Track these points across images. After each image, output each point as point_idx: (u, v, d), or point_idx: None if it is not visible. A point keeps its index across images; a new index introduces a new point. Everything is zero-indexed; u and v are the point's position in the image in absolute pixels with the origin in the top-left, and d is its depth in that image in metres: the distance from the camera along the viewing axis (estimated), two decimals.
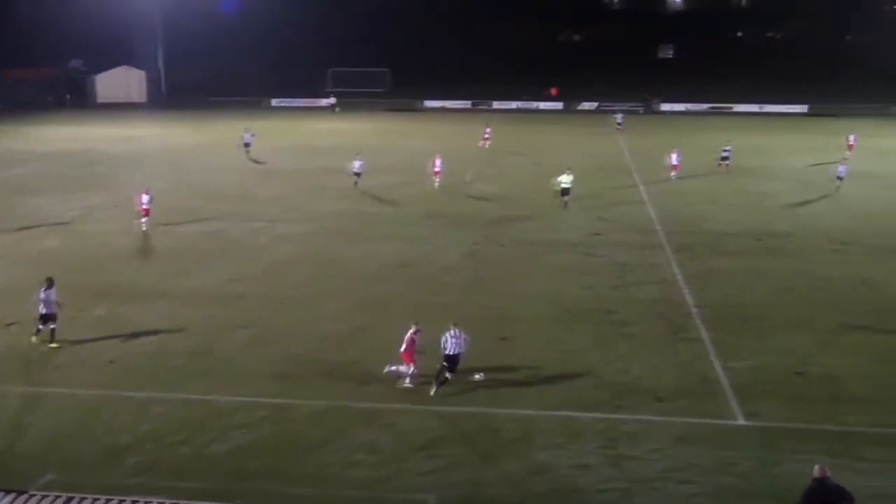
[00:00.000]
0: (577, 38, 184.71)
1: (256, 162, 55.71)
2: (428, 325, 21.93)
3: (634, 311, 27.49)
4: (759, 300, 28.60)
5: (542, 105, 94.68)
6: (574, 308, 27.69)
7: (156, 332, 25.16)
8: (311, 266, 32.59)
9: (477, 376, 21.94)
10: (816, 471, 14.40)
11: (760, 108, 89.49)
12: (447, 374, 21.10)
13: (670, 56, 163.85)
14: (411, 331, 21.59)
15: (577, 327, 26.02)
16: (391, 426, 19.69)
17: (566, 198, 41.68)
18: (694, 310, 27.51)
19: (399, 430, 19.53)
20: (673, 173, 49.43)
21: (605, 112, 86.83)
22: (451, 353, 20.90)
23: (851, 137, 59.48)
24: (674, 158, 49.59)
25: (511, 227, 38.59)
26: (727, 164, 52.24)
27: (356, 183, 46.42)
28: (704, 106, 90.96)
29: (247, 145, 57.41)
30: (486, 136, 62.59)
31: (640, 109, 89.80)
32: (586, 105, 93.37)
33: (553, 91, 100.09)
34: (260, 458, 18.27)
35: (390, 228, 38.44)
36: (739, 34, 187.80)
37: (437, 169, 46.65)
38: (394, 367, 21.73)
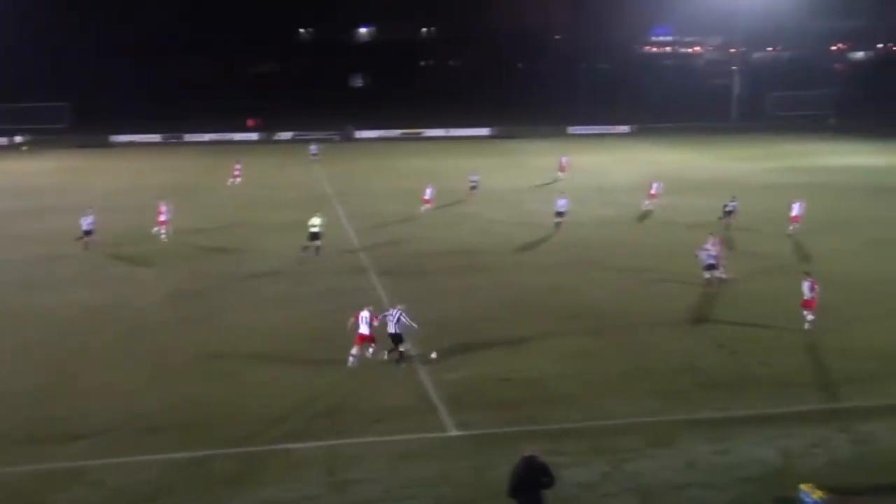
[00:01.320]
0: (270, 69, 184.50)
1: None
2: (134, 363, 20.86)
3: (345, 336, 27.84)
4: (463, 314, 30.06)
5: (239, 136, 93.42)
6: (286, 338, 27.56)
7: None
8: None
9: (433, 355, 25.14)
10: (527, 451, 16.04)
11: (448, 132, 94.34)
12: (400, 349, 24.94)
13: (361, 85, 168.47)
14: (365, 313, 24.80)
15: (292, 357, 25.92)
16: (100, 483, 18.46)
17: (316, 243, 38.08)
18: None
19: (109, 486, 18.34)
20: (426, 206, 48.67)
21: (302, 141, 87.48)
22: (392, 332, 24.78)
23: (564, 160, 62.94)
24: (428, 193, 49.14)
25: (219, 263, 37.72)
26: (474, 192, 53.16)
27: (87, 243, 39.93)
28: (397, 132, 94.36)
29: None
30: (237, 172, 60.05)
31: (337, 137, 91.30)
32: (283, 135, 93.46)
33: (251, 122, 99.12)
34: None
35: (91, 272, 36.20)
36: (423, 63, 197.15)
37: (162, 218, 42.26)
38: (371, 351, 24.89)
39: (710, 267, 33.26)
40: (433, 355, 25.26)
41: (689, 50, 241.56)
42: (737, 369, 24.97)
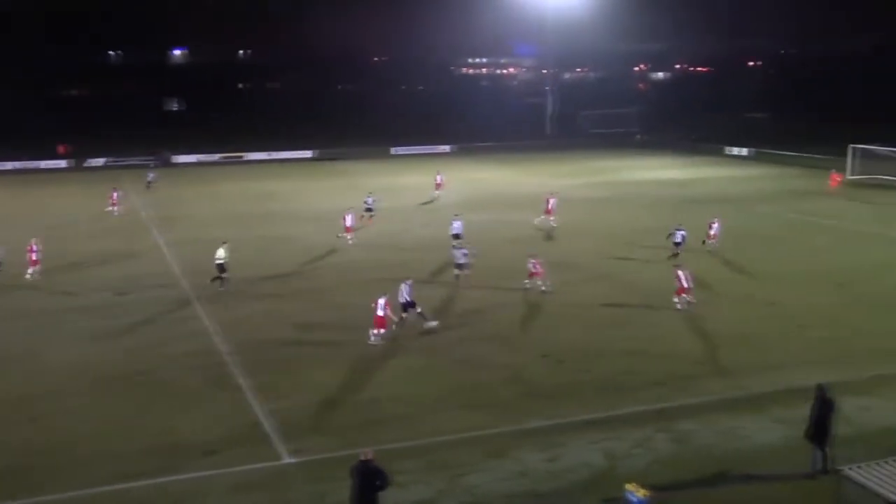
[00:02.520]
0: (77, 93, 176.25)
1: None
2: None
3: (171, 368, 26.89)
4: (290, 338, 29.69)
5: (47, 164, 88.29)
6: (106, 375, 26.24)
7: None
8: None
9: (434, 323, 29.94)
10: (363, 454, 16.90)
11: (270, 155, 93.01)
12: (418, 310, 30.20)
13: (177, 108, 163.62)
14: (383, 300, 28.48)
15: (112, 395, 24.74)
16: None
17: (224, 275, 36.19)
18: (230, 358, 27.69)
19: None
20: (346, 234, 45.79)
21: (115, 167, 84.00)
22: (404, 301, 30.12)
23: (439, 178, 63.96)
24: (348, 220, 46.39)
25: (32, 298, 35.41)
26: (371, 216, 50.82)
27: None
28: (217, 156, 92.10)
29: None
30: (114, 200, 56.37)
31: (153, 163, 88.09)
32: (95, 161, 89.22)
33: (62, 148, 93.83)
34: None
35: None
36: (241, 86, 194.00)
37: (35, 257, 38.54)
38: (374, 332, 28.57)
39: (460, 266, 36.20)
40: (434, 324, 29.90)
41: (504, 71, 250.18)
42: (563, 378, 25.90)
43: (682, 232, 40.94)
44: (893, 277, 37.78)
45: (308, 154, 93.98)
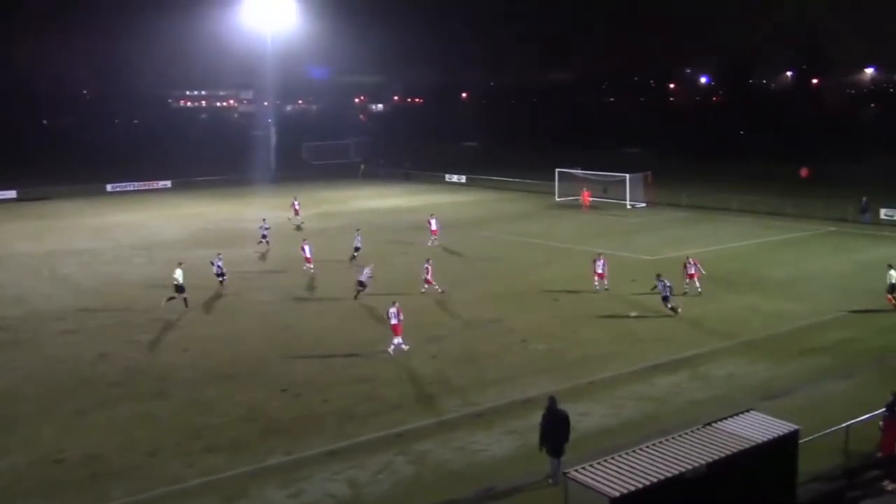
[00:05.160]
0: None
1: None
2: None
3: None
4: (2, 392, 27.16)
5: None
6: None
7: None
8: None
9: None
10: None
11: None
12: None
13: None
14: (394, 308, 30.05)
15: None
16: None
17: (183, 294, 37.53)
18: None
19: None
20: (308, 265, 45.06)
21: None
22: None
23: (296, 203, 65.77)
24: (307, 251, 44.80)
25: None
26: (268, 241, 52.31)
27: None
28: None
29: None
30: None
31: None
32: None
33: None
34: None
35: None
36: None
37: None
38: (396, 342, 30.28)
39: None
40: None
41: (224, 104, 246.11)
42: (301, 410, 25.66)
43: (664, 282, 36.12)
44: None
45: (11, 194, 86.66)
